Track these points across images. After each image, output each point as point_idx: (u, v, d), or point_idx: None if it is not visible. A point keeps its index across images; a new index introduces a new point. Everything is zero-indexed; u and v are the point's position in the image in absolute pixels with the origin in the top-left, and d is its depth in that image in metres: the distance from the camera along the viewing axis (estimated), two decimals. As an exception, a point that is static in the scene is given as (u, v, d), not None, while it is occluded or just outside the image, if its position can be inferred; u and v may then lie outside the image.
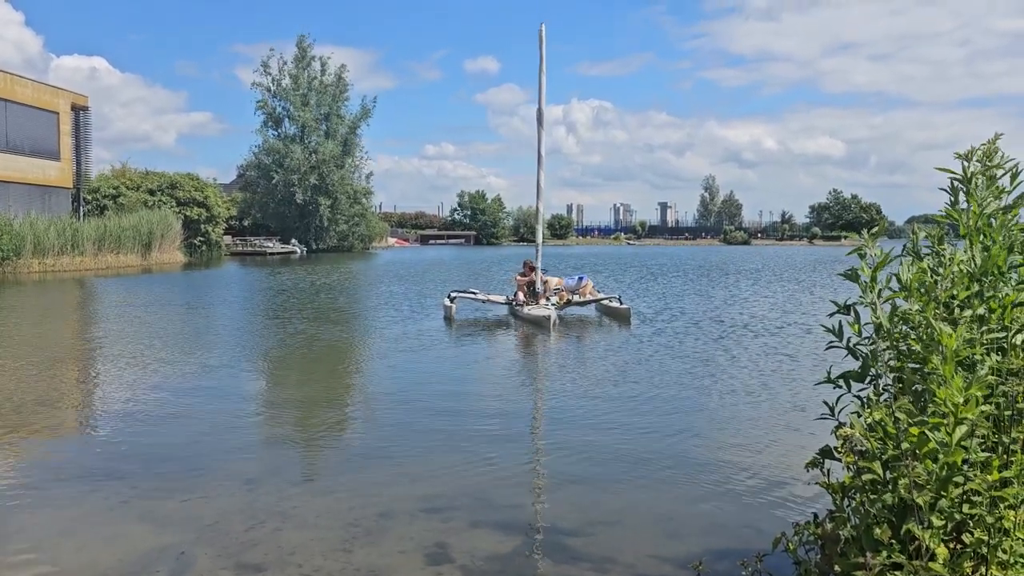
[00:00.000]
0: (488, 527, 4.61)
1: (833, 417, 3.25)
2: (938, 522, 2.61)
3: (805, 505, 4.90)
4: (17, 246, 30.08)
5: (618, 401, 8.29)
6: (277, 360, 11.41)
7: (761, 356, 11.17)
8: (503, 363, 11.34)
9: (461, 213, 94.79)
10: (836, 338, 3.31)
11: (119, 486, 5.40)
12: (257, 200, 61.46)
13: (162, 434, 6.91)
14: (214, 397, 8.61)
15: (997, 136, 3.21)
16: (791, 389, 8.82)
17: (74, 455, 6.39)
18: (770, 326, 14.60)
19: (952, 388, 2.63)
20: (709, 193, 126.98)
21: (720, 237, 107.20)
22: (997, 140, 3.19)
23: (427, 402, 8.35)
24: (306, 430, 7.31)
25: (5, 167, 33.43)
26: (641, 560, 4.15)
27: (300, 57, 61.61)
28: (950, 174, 3.21)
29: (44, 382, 9.33)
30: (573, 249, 72.43)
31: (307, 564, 4.07)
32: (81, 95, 39.91)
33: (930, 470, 2.64)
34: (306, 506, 4.96)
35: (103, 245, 34.92)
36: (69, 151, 38.59)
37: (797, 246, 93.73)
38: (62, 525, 4.70)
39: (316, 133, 61.05)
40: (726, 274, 33.48)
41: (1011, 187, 3.17)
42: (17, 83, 35.11)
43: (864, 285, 3.17)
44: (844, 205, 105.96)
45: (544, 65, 16.85)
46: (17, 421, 7.32)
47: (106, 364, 10.77)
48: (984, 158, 3.14)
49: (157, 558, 4.15)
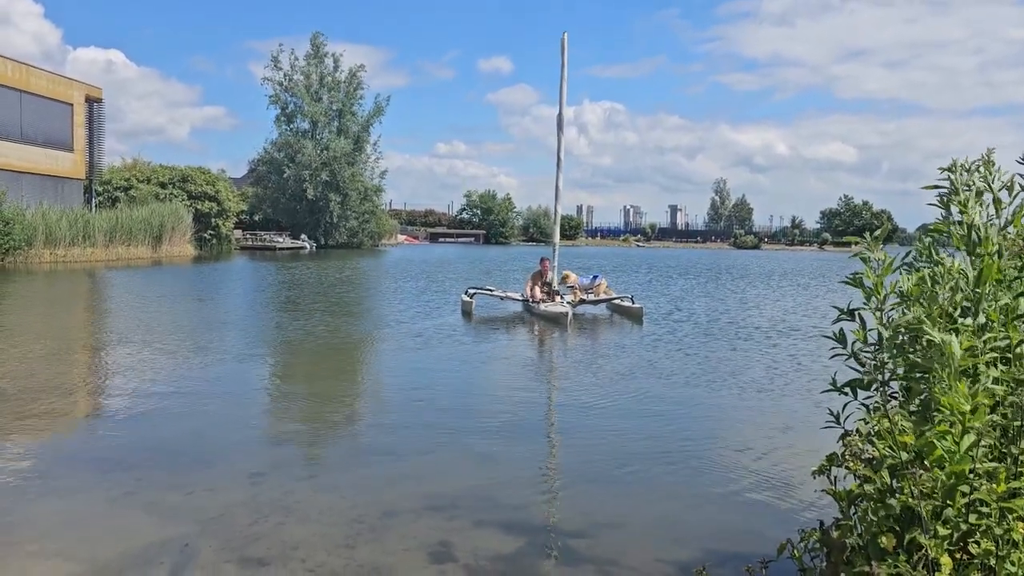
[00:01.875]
0: (492, 527, 4.61)
1: (839, 425, 3.24)
2: (944, 531, 2.59)
3: (811, 512, 4.88)
4: (29, 236, 30.24)
5: (626, 403, 8.27)
6: (286, 354, 11.45)
7: (771, 359, 11.13)
8: (514, 361, 11.33)
9: (470, 212, 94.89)
10: (840, 345, 3.28)
11: (124, 477, 5.42)
12: (268, 195, 61.67)
13: (168, 426, 6.93)
14: (221, 390, 8.64)
15: (990, 151, 3.20)
16: (800, 393, 8.78)
17: (80, 445, 6.42)
18: (781, 329, 14.54)
19: (957, 396, 2.62)
20: (720, 196, 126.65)
21: (730, 241, 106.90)
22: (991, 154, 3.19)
23: (435, 399, 8.36)
24: (313, 425, 7.32)
25: (19, 157, 33.62)
26: (644, 564, 4.14)
27: (313, 53, 61.79)
28: (938, 188, 3.22)
29: (52, 371, 9.37)
30: (583, 250, 72.38)
31: (310, 559, 4.07)
32: (95, 87, 40.09)
33: (936, 478, 2.62)
34: (310, 501, 4.97)
35: (114, 237, 35.07)
36: (82, 142, 38.77)
37: (807, 251, 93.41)
38: (67, 514, 4.72)
39: (328, 129, 61.21)
40: (737, 277, 33.39)
41: (1010, 199, 3.15)
42: (32, 74, 35.30)
43: (868, 291, 3.15)
44: (855, 211, 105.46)
45: (566, 72, 17.27)
46: (25, 409, 7.36)
47: (115, 355, 10.82)
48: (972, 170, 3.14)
49: (161, 549, 4.16)
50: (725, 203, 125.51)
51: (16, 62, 34.60)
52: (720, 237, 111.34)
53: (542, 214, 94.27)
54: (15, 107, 33.88)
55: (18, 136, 33.91)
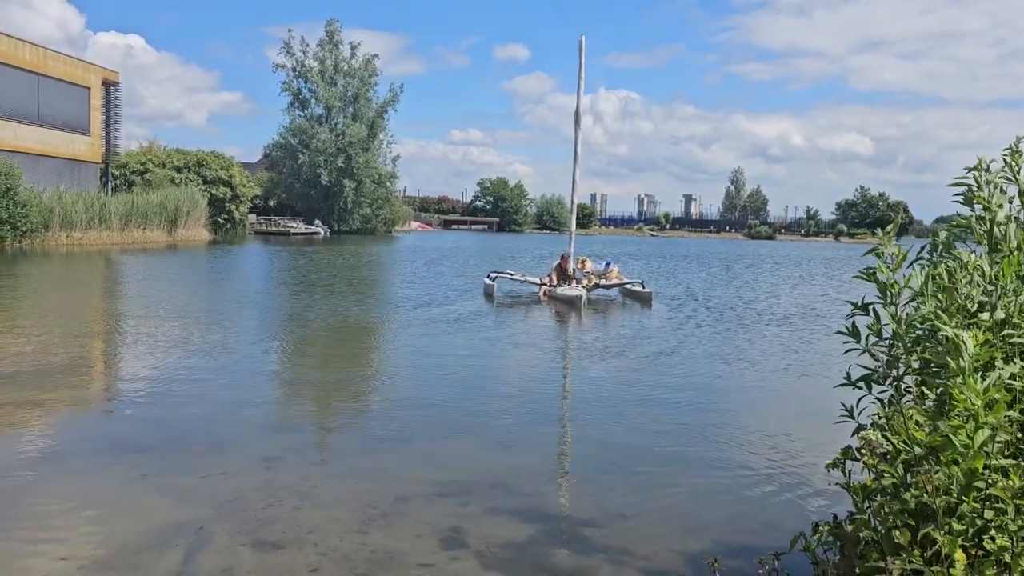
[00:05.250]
0: (504, 514, 4.62)
1: (853, 419, 3.22)
2: (958, 527, 2.58)
3: (824, 505, 4.87)
4: (46, 219, 30.46)
5: (640, 391, 8.27)
6: (302, 339, 11.50)
7: (786, 351, 11.09)
8: (530, 347, 11.33)
9: (483, 199, 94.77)
10: (853, 339, 3.26)
11: (140, 459, 5.47)
12: (282, 180, 61.86)
13: (183, 409, 6.98)
14: (237, 374, 8.69)
15: (1019, 140, 3.16)
16: (814, 385, 8.75)
17: (96, 428, 6.49)
18: (796, 320, 14.47)
19: (970, 392, 2.59)
20: (735, 186, 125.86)
21: (744, 231, 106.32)
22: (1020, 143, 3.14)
23: (450, 385, 8.39)
24: (327, 410, 7.36)
25: (37, 140, 33.84)
26: (657, 554, 4.14)
27: (328, 40, 61.74)
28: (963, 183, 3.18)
29: (69, 353, 9.45)
30: (596, 238, 72.20)
31: (323, 544, 4.11)
32: (112, 71, 40.25)
33: (951, 474, 2.60)
34: (324, 486, 5.00)
35: (130, 220, 35.28)
36: (99, 126, 38.98)
37: (822, 243, 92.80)
38: (83, 496, 4.77)
39: (343, 115, 61.22)
40: (750, 266, 33.23)
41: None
42: (50, 57, 35.47)
43: (882, 286, 3.12)
44: (871, 203, 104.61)
45: (583, 74, 18.72)
46: (43, 390, 7.43)
47: (131, 338, 10.90)
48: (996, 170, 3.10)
49: (176, 532, 4.21)
50: (740, 193, 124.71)
51: (34, 45, 34.75)
52: (734, 227, 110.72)
53: (555, 202, 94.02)
54: (33, 90, 34.08)
55: (35, 119, 34.12)
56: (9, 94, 32.60)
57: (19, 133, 32.78)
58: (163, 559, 3.89)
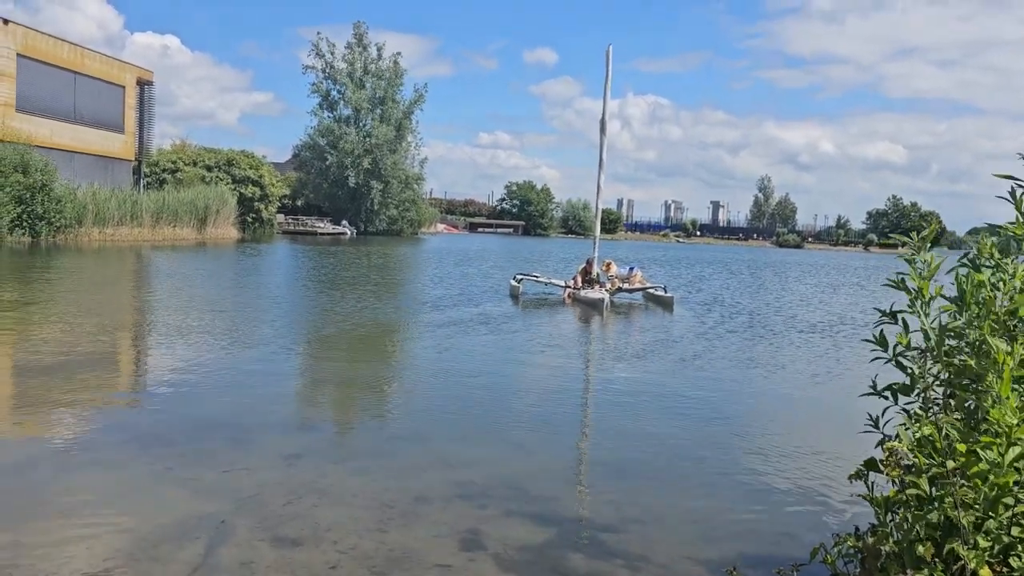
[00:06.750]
0: (522, 517, 4.62)
1: (877, 430, 3.18)
2: (984, 543, 2.53)
3: (845, 517, 4.81)
4: (79, 214, 30.97)
5: (661, 397, 8.22)
6: (328, 337, 11.58)
7: (809, 358, 10.98)
8: (551, 350, 11.31)
9: (510, 202, 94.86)
10: (881, 348, 3.21)
11: (164, 453, 5.54)
12: (310, 180, 62.36)
13: (208, 404, 7.06)
14: (261, 371, 8.77)
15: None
16: (838, 395, 8.64)
17: (123, 419, 6.57)
18: (821, 328, 14.31)
19: (1006, 408, 2.55)
20: (763, 194, 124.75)
21: (772, 239, 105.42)
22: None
23: (471, 386, 8.39)
24: (349, 409, 7.40)
25: (73, 137, 34.42)
26: (675, 561, 4.11)
27: (356, 42, 62.19)
28: (1015, 181, 3.07)
29: (99, 346, 9.60)
30: (622, 243, 71.97)
31: (342, 542, 4.13)
32: (146, 70, 40.84)
33: (979, 489, 2.56)
34: (344, 484, 5.03)
35: (161, 217, 35.75)
36: (133, 124, 39.53)
37: (852, 252, 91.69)
38: (106, 488, 4.84)
39: (371, 116, 61.60)
40: (778, 273, 32.92)
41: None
42: (87, 56, 36.08)
43: (913, 294, 3.07)
44: (903, 212, 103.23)
45: (609, 84, 19.07)
46: (72, 382, 7.56)
47: (158, 332, 11.05)
48: None
49: (197, 525, 4.25)
50: (769, 200, 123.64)
51: (71, 44, 35.37)
52: (762, 235, 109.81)
53: (581, 206, 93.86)
54: (69, 88, 34.66)
55: (72, 117, 34.70)
56: (47, 92, 33.18)
57: (55, 130, 33.35)
58: (184, 551, 3.93)
